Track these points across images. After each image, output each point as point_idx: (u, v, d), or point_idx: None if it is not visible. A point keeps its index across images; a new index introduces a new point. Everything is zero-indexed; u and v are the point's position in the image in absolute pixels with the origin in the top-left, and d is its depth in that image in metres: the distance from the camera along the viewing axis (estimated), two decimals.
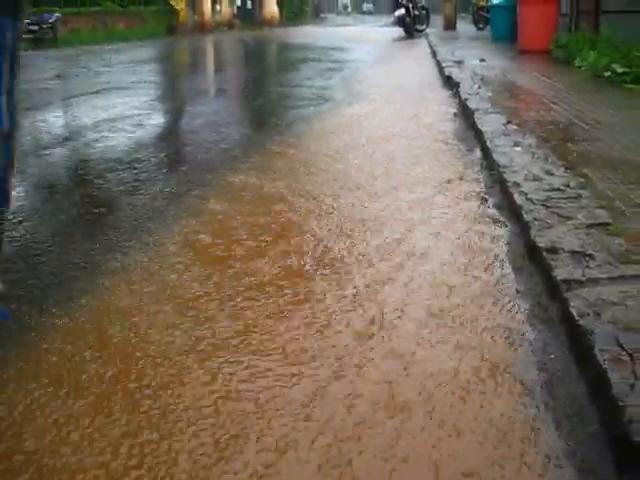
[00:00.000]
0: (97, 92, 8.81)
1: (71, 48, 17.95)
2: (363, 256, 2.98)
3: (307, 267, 2.87)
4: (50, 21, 19.19)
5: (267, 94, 8.78)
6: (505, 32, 13.83)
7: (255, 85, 10.08)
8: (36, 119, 7.13)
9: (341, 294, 2.60)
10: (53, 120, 6.99)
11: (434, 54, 12.78)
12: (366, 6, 73.20)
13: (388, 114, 6.70)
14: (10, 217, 3.60)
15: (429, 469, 1.64)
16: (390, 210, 3.62)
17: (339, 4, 75.69)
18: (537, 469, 1.63)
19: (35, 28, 18.62)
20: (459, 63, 10.08)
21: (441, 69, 9.99)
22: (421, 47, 16.06)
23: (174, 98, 8.73)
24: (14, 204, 3.92)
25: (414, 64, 12.09)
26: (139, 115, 6.90)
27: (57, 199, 4.08)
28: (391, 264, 2.88)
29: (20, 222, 3.54)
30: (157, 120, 7.02)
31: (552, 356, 2.11)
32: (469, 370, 2.05)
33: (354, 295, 2.59)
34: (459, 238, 3.19)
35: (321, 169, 4.52)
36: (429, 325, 2.34)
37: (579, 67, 8.76)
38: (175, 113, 7.60)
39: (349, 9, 75.39)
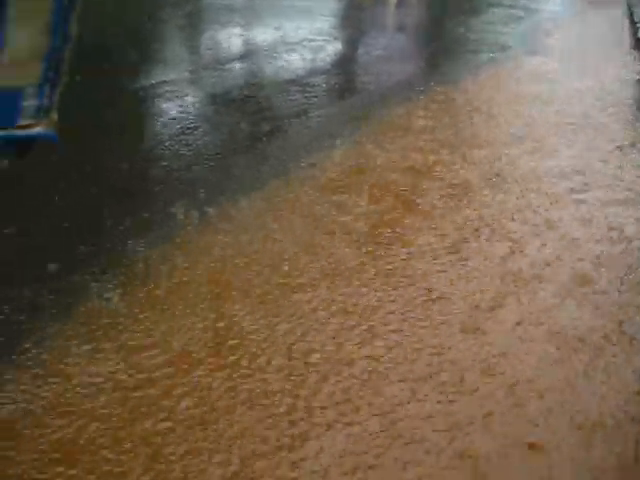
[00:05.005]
0: (278, 14, 8.95)
1: None
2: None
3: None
4: None
5: (446, 36, 8.53)
6: None
7: (435, 26, 9.84)
8: (217, 35, 7.41)
9: None
10: (233, 38, 7.22)
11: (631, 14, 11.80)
12: None
13: (567, 71, 6.37)
14: (187, 123, 3.89)
15: None
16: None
17: None
18: None
19: None
20: None
21: (636, 30, 9.23)
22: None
23: (353, 27, 8.70)
24: (191, 112, 4.21)
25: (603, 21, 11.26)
26: (318, 41, 6.98)
27: (228, 112, 4.31)
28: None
29: (195, 128, 3.79)
30: (334, 48, 7.07)
31: None
32: None
33: None
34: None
35: (472, 120, 4.45)
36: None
37: None
38: (352, 43, 7.62)
39: None
